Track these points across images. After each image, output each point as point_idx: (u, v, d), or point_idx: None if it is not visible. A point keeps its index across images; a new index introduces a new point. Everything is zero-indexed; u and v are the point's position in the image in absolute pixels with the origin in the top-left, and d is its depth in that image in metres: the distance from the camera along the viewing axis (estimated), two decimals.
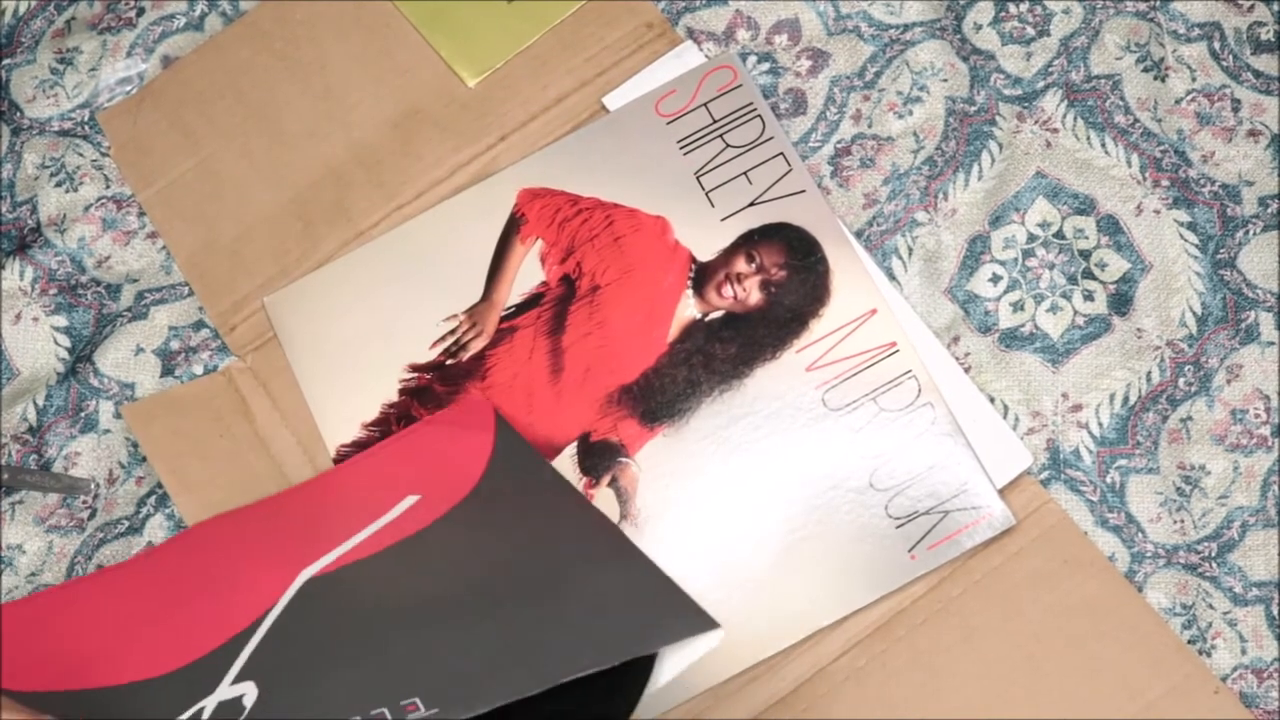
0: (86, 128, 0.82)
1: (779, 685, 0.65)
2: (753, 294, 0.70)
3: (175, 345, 0.76)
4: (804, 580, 0.66)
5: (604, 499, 0.69)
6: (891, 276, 0.72)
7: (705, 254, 0.72)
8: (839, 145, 0.74)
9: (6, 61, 0.83)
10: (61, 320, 0.77)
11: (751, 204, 0.72)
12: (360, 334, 0.74)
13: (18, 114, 0.82)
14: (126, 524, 0.73)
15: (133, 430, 0.73)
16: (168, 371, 0.76)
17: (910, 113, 0.74)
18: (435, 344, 0.73)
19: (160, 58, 0.82)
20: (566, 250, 0.73)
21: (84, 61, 0.82)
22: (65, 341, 0.77)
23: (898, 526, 0.65)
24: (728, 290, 0.70)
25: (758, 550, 0.66)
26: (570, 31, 0.79)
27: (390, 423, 0.72)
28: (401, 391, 0.72)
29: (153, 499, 0.73)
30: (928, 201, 0.73)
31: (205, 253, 0.78)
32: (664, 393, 0.70)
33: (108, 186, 0.80)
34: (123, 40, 0.82)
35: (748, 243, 0.71)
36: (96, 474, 0.74)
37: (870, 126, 0.74)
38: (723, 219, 0.72)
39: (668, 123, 0.74)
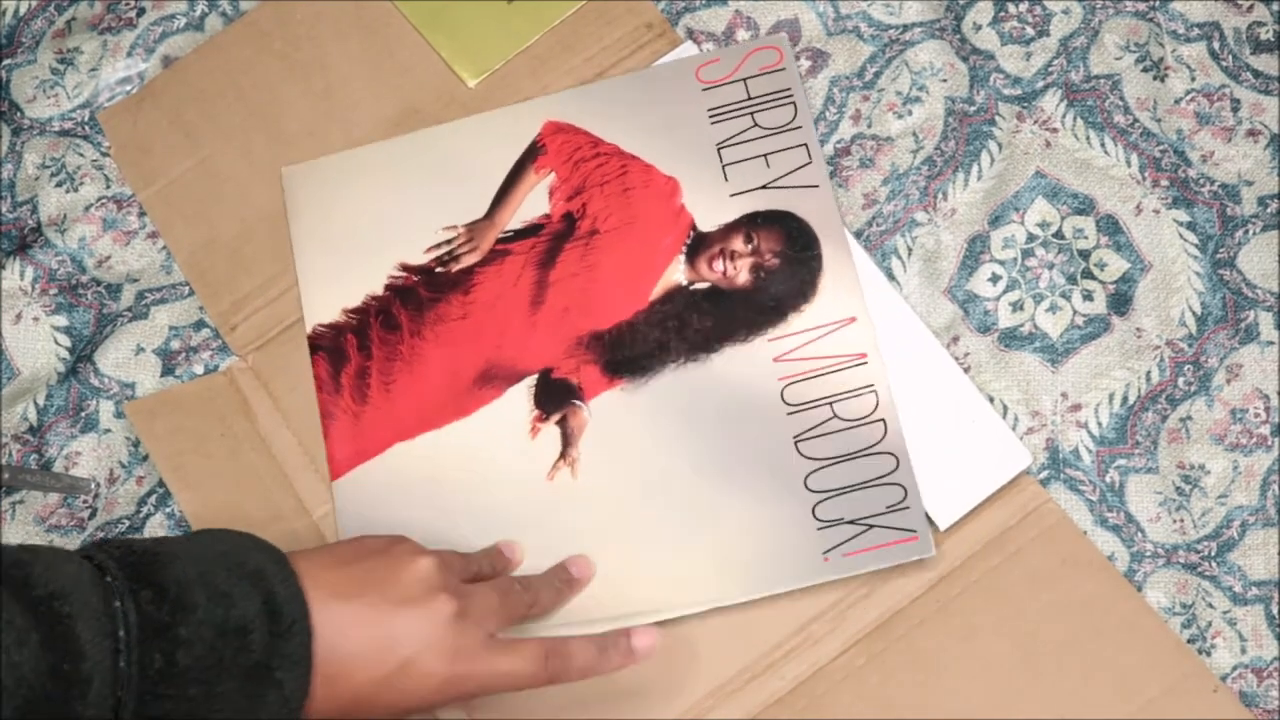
0: (87, 128, 0.82)
1: (778, 685, 0.65)
2: (742, 274, 0.71)
3: (175, 345, 0.76)
4: (714, 553, 0.66)
5: (549, 435, 0.69)
6: (891, 276, 0.72)
7: (707, 224, 0.72)
8: (839, 145, 0.74)
9: (7, 61, 0.83)
10: (62, 320, 0.77)
11: (764, 187, 0.72)
12: (363, 222, 0.75)
13: (18, 114, 0.82)
14: (127, 524, 0.73)
15: (135, 427, 0.73)
16: (168, 371, 0.76)
17: (910, 113, 0.74)
18: (430, 249, 0.74)
19: (160, 58, 0.83)
20: (576, 189, 0.74)
21: (84, 61, 0.82)
22: (66, 341, 0.77)
23: (819, 529, 0.66)
24: (719, 265, 0.71)
25: (679, 516, 0.67)
26: (570, 32, 0.79)
27: (369, 314, 0.73)
28: (387, 287, 0.74)
29: (153, 498, 0.73)
30: (927, 201, 0.73)
31: (205, 252, 0.78)
32: (632, 348, 0.70)
33: (108, 186, 0.80)
34: (123, 40, 0.82)
35: (750, 223, 0.71)
36: (97, 474, 0.74)
37: (870, 126, 0.74)
38: (732, 195, 0.72)
39: (704, 89, 0.74)
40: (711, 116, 0.74)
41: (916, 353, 0.69)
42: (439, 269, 0.73)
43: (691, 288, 0.71)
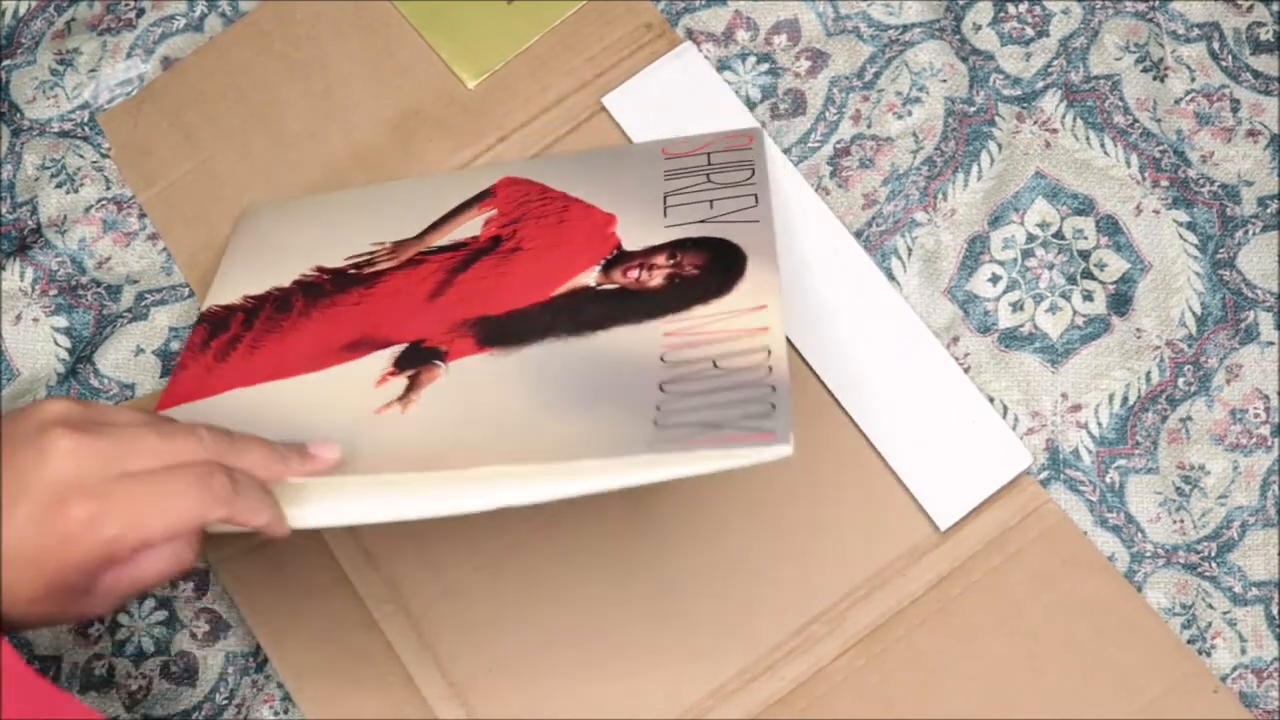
0: (87, 129, 0.82)
1: (778, 685, 0.65)
2: (654, 280, 0.67)
3: (175, 346, 0.76)
4: (528, 446, 0.59)
5: (395, 385, 0.65)
6: (891, 276, 0.72)
7: (633, 246, 0.69)
8: (838, 146, 0.74)
9: (6, 63, 0.83)
10: (62, 321, 0.77)
11: (701, 221, 0.69)
12: (298, 239, 0.75)
13: (18, 115, 0.82)
14: None
15: None
16: (168, 372, 0.76)
17: (909, 113, 0.74)
18: (351, 258, 0.73)
19: (160, 59, 0.83)
20: (512, 219, 0.72)
21: (84, 63, 0.82)
22: (65, 342, 0.77)
23: (655, 429, 0.57)
24: (633, 273, 0.67)
25: (510, 438, 0.60)
26: (570, 32, 0.79)
27: (267, 301, 0.72)
28: (295, 281, 0.72)
29: None
30: (927, 202, 0.73)
31: (206, 253, 0.78)
32: (515, 327, 0.66)
33: (108, 188, 0.80)
34: (123, 41, 0.83)
35: (677, 246, 0.68)
36: None
37: (869, 127, 0.74)
38: (667, 226, 0.69)
39: (666, 158, 0.74)
40: (667, 175, 0.73)
41: (916, 353, 0.69)
42: (351, 271, 0.72)
43: (598, 288, 0.67)
